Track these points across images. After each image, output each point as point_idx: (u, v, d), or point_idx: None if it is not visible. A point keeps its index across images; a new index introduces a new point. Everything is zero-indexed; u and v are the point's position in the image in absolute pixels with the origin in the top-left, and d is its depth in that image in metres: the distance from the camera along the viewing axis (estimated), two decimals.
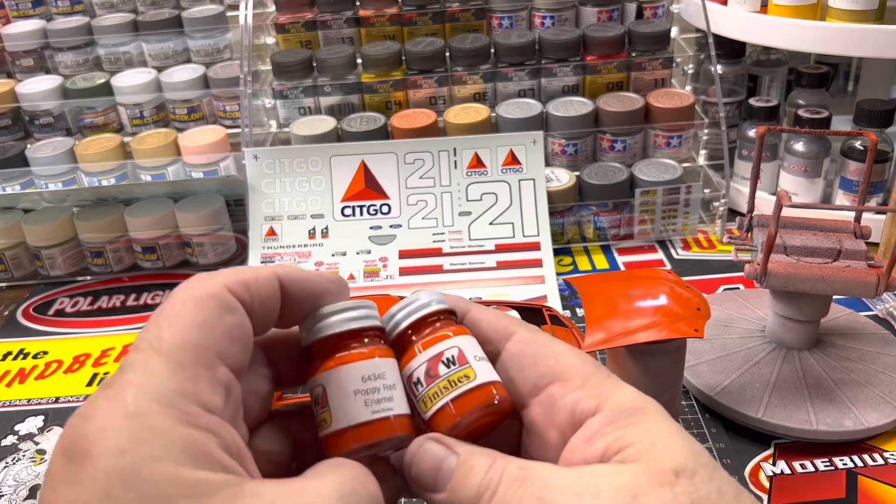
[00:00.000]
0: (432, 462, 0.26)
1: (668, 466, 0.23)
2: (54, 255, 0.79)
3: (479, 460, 0.25)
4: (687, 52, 0.87)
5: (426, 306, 0.28)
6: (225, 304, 0.24)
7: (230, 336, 0.24)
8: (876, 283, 0.51)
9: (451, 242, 0.75)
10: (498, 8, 0.87)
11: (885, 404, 0.53)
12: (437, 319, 0.28)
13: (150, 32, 0.90)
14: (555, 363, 0.27)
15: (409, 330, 0.28)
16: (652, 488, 0.23)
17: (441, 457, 0.26)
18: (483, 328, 0.29)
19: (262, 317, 0.26)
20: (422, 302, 0.28)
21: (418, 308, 0.28)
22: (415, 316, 0.28)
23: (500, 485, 0.24)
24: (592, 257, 0.78)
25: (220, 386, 0.23)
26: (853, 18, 0.72)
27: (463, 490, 0.25)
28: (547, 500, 0.23)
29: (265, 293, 0.25)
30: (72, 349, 0.70)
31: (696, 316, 0.48)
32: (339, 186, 0.76)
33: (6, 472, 0.56)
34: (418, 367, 0.27)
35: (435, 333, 0.28)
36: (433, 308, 0.28)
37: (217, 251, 0.80)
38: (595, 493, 0.23)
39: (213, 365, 0.23)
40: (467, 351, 0.27)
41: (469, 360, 0.27)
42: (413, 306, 0.28)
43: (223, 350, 0.23)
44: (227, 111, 0.88)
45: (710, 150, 0.87)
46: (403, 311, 0.28)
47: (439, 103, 0.85)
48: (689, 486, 0.23)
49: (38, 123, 0.89)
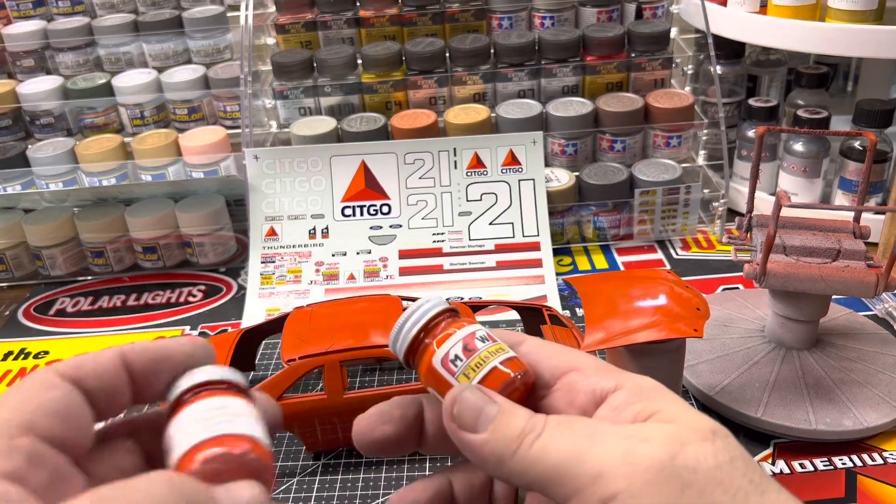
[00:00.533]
0: (474, 404, 0.26)
1: (706, 426, 0.25)
2: (55, 254, 0.79)
3: (521, 410, 0.26)
4: (686, 53, 0.87)
5: (440, 303, 0.30)
6: (45, 383, 0.25)
7: (44, 410, 0.24)
8: (875, 283, 0.51)
9: (451, 242, 0.75)
10: (498, 8, 0.87)
11: (885, 404, 0.54)
12: (453, 314, 0.30)
13: (150, 33, 0.91)
14: (569, 357, 0.29)
15: (439, 317, 0.30)
16: (695, 440, 0.24)
17: (483, 402, 0.26)
18: None
19: (106, 393, 0.26)
20: (435, 301, 0.30)
21: (438, 303, 0.30)
22: (439, 307, 0.30)
23: (545, 427, 0.25)
24: (592, 257, 0.78)
25: (17, 454, 0.23)
26: (852, 19, 0.72)
27: (507, 430, 0.26)
28: (599, 435, 0.25)
29: (102, 371, 0.26)
30: (72, 349, 0.70)
31: (695, 316, 0.48)
32: (339, 186, 0.76)
33: None
34: (455, 344, 0.29)
35: (462, 319, 0.30)
36: (444, 307, 0.30)
37: (217, 251, 0.80)
38: (645, 438, 0.24)
39: (13, 435, 0.23)
40: (491, 333, 0.29)
41: (496, 339, 0.29)
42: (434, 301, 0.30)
43: (35, 423, 0.24)
44: (227, 111, 0.88)
45: (710, 151, 0.87)
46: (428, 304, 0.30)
47: (439, 104, 0.85)
48: (726, 443, 0.25)
49: (38, 124, 0.89)
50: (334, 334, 0.53)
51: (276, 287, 0.74)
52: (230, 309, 0.74)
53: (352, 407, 0.52)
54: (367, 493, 0.51)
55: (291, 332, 0.54)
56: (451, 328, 0.29)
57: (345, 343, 0.52)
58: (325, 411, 0.52)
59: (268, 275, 0.74)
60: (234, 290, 0.77)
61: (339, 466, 0.53)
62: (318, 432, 0.53)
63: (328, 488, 0.51)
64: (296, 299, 0.72)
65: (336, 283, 0.73)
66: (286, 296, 0.73)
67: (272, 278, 0.74)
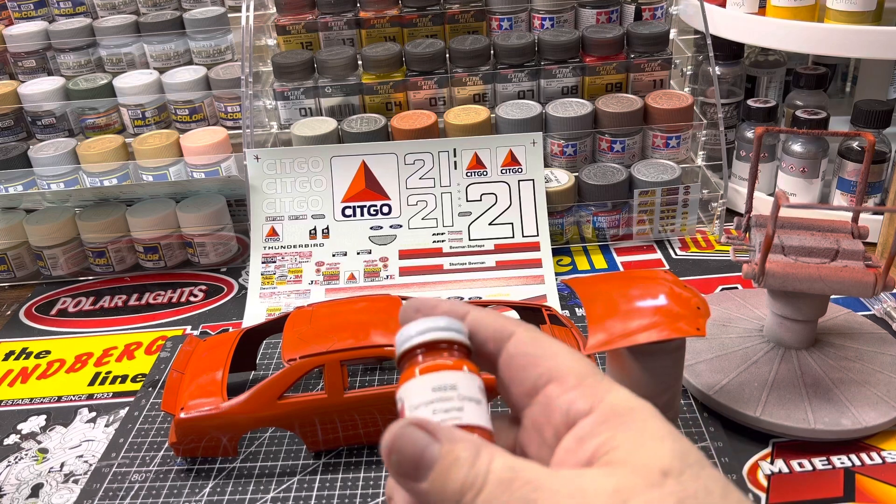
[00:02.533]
0: (414, 448, 0.25)
1: (656, 467, 0.24)
2: (56, 255, 0.79)
3: (464, 451, 0.25)
4: (685, 54, 0.88)
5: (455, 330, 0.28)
6: None
7: None
8: (873, 283, 0.51)
9: (451, 242, 0.75)
10: (497, 9, 0.87)
11: (883, 403, 0.54)
12: (449, 347, 0.28)
13: (151, 34, 0.91)
14: (552, 363, 0.28)
15: (417, 349, 0.28)
16: (640, 490, 0.23)
17: (423, 444, 0.25)
18: (482, 330, 0.30)
19: None
20: (453, 326, 0.28)
21: (452, 329, 0.28)
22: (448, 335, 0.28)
23: (486, 484, 0.24)
24: (591, 257, 0.78)
25: None
26: (851, 20, 0.73)
27: (446, 484, 0.24)
28: (540, 498, 0.23)
29: None
30: (74, 349, 0.70)
31: (696, 315, 0.48)
32: (339, 187, 0.77)
33: (8, 470, 0.56)
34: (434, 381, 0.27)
35: (463, 362, 0.28)
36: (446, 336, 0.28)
37: (218, 251, 0.81)
38: (584, 499, 0.23)
39: None
40: (463, 389, 0.27)
41: (478, 399, 0.27)
42: (450, 326, 0.28)
43: None
44: (228, 112, 0.89)
45: (709, 151, 0.88)
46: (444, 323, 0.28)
47: (439, 104, 0.85)
48: (676, 485, 0.23)
49: (40, 124, 0.89)
50: (335, 334, 0.53)
51: (277, 287, 0.74)
52: (231, 309, 0.74)
53: (352, 406, 0.52)
54: (367, 493, 0.51)
55: (292, 331, 0.54)
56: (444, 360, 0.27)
57: (345, 343, 0.52)
58: (326, 410, 0.52)
59: (269, 275, 0.75)
60: (235, 289, 0.77)
61: (340, 466, 0.53)
62: (319, 432, 0.53)
63: (328, 487, 0.52)
64: (296, 299, 0.73)
65: (336, 283, 0.74)
66: (287, 296, 0.73)
67: (273, 278, 0.74)
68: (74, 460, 0.57)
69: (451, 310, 0.30)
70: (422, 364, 0.27)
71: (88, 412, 0.62)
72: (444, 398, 0.26)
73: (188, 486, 0.53)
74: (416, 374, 0.27)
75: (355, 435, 0.53)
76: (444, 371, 0.27)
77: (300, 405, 0.52)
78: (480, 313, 0.30)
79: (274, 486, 0.52)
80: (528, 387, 0.28)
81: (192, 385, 0.54)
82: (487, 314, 0.30)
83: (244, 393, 0.52)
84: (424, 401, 0.26)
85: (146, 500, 0.52)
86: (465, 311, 0.30)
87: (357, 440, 0.54)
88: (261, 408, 0.52)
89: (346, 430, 0.53)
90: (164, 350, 0.68)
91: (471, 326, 0.30)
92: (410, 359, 0.28)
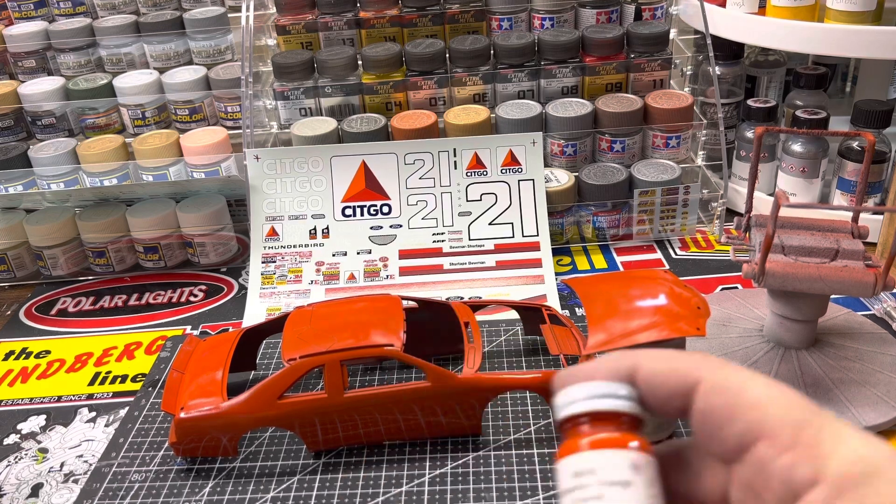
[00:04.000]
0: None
1: None
2: (56, 255, 0.79)
3: None
4: (685, 54, 0.88)
5: (625, 398, 0.25)
6: None
7: None
8: (873, 283, 0.51)
9: (451, 242, 0.75)
10: (497, 9, 0.87)
11: (883, 403, 0.54)
12: (614, 418, 0.25)
13: (151, 34, 0.91)
14: (756, 414, 0.23)
15: (579, 417, 0.25)
16: None
17: None
18: (661, 387, 0.25)
19: None
20: (625, 393, 0.25)
21: (623, 396, 0.25)
22: (621, 406, 0.24)
23: None
24: (591, 257, 0.78)
25: None
26: (851, 20, 0.73)
27: None
28: None
29: None
30: (74, 349, 0.70)
31: (696, 315, 0.48)
32: (339, 187, 0.77)
33: (8, 470, 0.56)
34: (562, 471, 0.24)
35: (630, 436, 0.24)
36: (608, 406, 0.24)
37: (218, 251, 0.81)
38: None
39: None
40: (604, 473, 0.23)
41: (650, 483, 0.24)
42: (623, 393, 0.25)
43: None
44: (228, 112, 0.89)
45: (709, 151, 0.88)
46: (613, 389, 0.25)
47: (439, 104, 0.85)
48: None
49: (40, 124, 0.89)
50: (335, 334, 0.53)
51: (277, 287, 0.74)
52: (231, 309, 0.74)
53: (352, 406, 0.52)
54: (368, 493, 0.51)
55: (292, 331, 0.54)
56: (609, 433, 0.24)
57: (345, 342, 0.52)
58: (326, 410, 0.52)
59: (269, 275, 0.75)
60: (235, 289, 0.77)
61: (340, 465, 0.53)
62: (319, 431, 0.53)
63: (328, 487, 0.52)
64: (296, 299, 0.73)
65: (336, 283, 0.74)
66: (287, 295, 0.73)
67: (273, 278, 0.74)
68: (74, 460, 0.57)
69: (615, 368, 0.25)
70: (582, 436, 0.24)
71: (88, 412, 0.62)
72: (581, 486, 0.23)
73: (188, 485, 0.53)
74: (576, 448, 0.24)
75: (355, 435, 0.53)
76: (590, 451, 0.23)
77: (300, 405, 0.52)
78: (653, 364, 0.25)
79: (274, 485, 0.52)
80: (733, 446, 0.24)
81: (191, 385, 0.54)
82: (661, 360, 0.25)
83: (244, 393, 0.52)
84: (566, 487, 0.23)
85: (146, 500, 0.52)
86: (633, 366, 0.25)
87: (357, 440, 0.54)
88: (261, 408, 0.52)
89: (346, 430, 0.53)
90: (164, 350, 0.68)
91: (645, 385, 0.25)
92: (571, 427, 0.25)
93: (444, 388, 0.51)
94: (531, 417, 0.56)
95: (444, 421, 0.53)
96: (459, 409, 0.53)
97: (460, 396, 0.52)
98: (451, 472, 0.52)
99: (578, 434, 0.24)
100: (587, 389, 0.24)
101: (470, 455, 0.53)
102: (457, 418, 0.53)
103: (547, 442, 0.54)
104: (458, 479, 0.51)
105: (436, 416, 0.53)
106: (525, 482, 0.51)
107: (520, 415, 0.56)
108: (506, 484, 0.50)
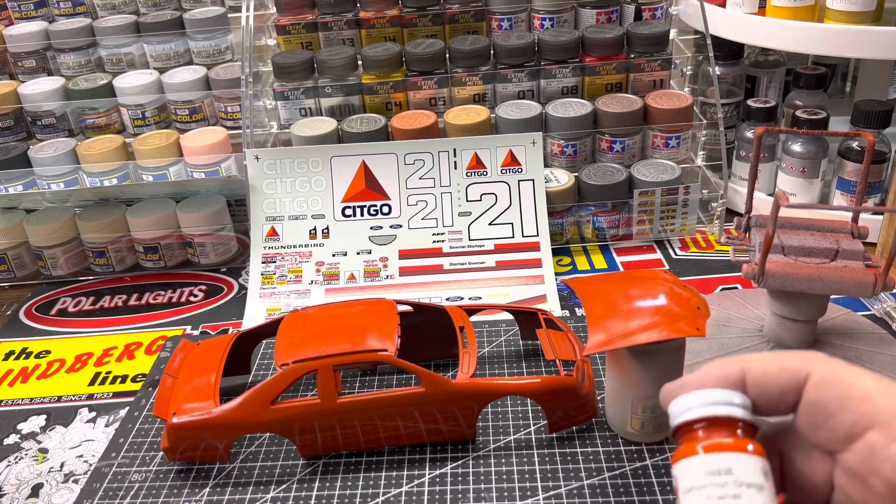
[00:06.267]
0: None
1: None
2: (56, 254, 0.79)
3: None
4: (685, 54, 0.88)
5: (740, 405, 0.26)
6: None
7: None
8: (873, 283, 0.51)
9: (451, 242, 0.75)
10: (497, 10, 0.87)
11: None
12: (731, 424, 0.26)
13: (151, 34, 0.91)
14: (867, 406, 0.25)
15: (697, 423, 0.26)
16: None
17: None
18: (772, 386, 0.26)
19: None
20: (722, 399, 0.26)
21: (714, 403, 0.26)
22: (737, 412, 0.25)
23: None
24: (591, 257, 0.78)
25: None
26: (851, 20, 0.73)
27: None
28: None
29: None
30: (74, 349, 0.70)
31: (695, 315, 0.48)
32: (339, 187, 0.77)
33: (8, 470, 0.56)
34: (689, 469, 0.25)
35: (747, 441, 0.25)
36: (728, 412, 0.25)
37: (218, 251, 0.81)
38: None
39: None
40: (741, 474, 0.24)
41: (767, 486, 0.25)
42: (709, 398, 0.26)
43: None
44: (228, 112, 0.89)
45: (709, 151, 0.88)
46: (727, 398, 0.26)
47: (439, 104, 0.85)
48: None
49: (40, 124, 0.89)
50: (328, 338, 0.52)
51: (277, 287, 0.74)
52: (231, 309, 0.74)
53: (345, 411, 0.52)
54: (367, 493, 0.51)
55: (286, 335, 0.54)
56: (725, 439, 0.25)
57: (339, 347, 0.51)
58: (319, 415, 0.52)
59: (269, 275, 0.75)
60: (235, 289, 0.77)
61: (340, 466, 0.53)
62: (314, 437, 0.52)
63: (328, 488, 0.52)
64: (296, 299, 0.73)
65: (336, 283, 0.74)
66: (287, 296, 0.73)
67: (273, 278, 0.75)
68: (74, 460, 0.57)
69: (724, 374, 0.26)
70: (701, 441, 0.25)
71: (88, 412, 0.62)
72: (719, 483, 0.24)
73: (188, 486, 0.53)
74: (694, 452, 0.25)
75: (349, 440, 0.53)
76: (721, 452, 0.24)
77: (293, 410, 0.51)
78: (762, 365, 0.27)
79: (274, 486, 0.52)
80: (842, 435, 0.25)
81: (184, 389, 0.54)
82: (769, 362, 0.26)
83: (237, 398, 0.51)
84: (697, 485, 0.24)
85: (146, 500, 0.52)
86: (742, 370, 0.27)
87: (351, 445, 0.53)
88: (253, 413, 0.51)
89: (339, 436, 0.53)
90: (164, 350, 0.68)
91: (755, 387, 0.26)
92: (687, 433, 0.25)
93: (438, 393, 0.51)
94: (531, 418, 0.56)
95: (438, 426, 0.53)
96: (453, 414, 0.52)
97: (454, 402, 0.52)
98: (451, 473, 0.52)
99: (717, 433, 0.25)
100: (705, 397, 0.25)
101: (470, 455, 0.53)
102: (451, 424, 0.53)
103: (547, 442, 0.54)
104: (457, 480, 0.51)
105: (430, 421, 0.52)
106: (525, 482, 0.51)
107: (520, 415, 0.56)
108: (506, 484, 0.51)
